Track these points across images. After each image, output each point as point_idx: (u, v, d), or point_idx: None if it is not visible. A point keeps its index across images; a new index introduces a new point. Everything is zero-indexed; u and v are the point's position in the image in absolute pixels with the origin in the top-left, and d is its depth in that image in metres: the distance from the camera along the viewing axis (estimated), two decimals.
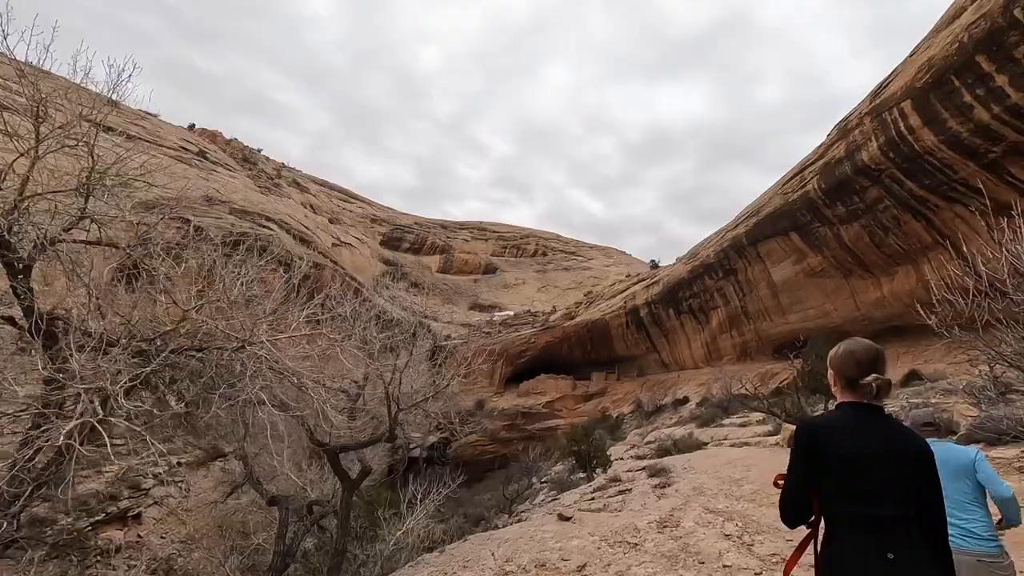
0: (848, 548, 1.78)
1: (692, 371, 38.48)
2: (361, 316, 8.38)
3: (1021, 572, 3.07)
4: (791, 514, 1.93)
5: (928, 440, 2.24)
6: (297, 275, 7.86)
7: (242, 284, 5.88)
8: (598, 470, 13.51)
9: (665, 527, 6.58)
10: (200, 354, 5.03)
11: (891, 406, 13.54)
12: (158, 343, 4.71)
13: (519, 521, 9.57)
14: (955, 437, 8.66)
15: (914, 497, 1.81)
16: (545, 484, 16.72)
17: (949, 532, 2.09)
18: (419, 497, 9.04)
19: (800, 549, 1.99)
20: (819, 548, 1.90)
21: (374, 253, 65.73)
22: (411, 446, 35.20)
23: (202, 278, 5.51)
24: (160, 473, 15.77)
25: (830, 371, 2.11)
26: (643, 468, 11.20)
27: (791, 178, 26.22)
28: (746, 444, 13.30)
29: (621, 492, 9.35)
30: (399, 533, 7.76)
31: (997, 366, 9.93)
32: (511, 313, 62.75)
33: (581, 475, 14.47)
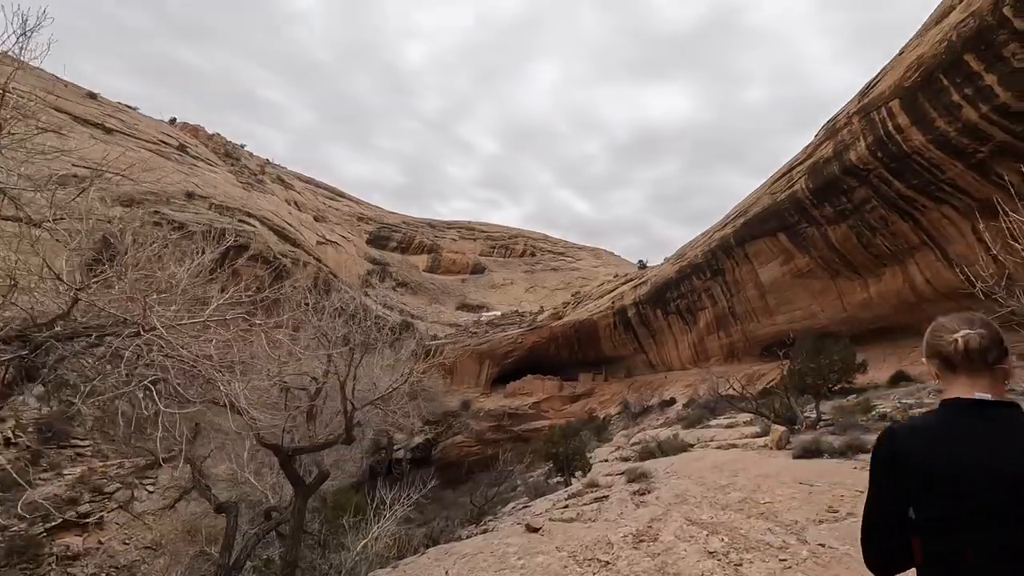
0: None
1: (679, 372, 38.31)
2: (326, 309, 7.78)
3: None
4: (878, 558, 1.38)
5: None
6: (218, 248, 6.89)
7: (187, 271, 5.38)
8: (577, 474, 13.02)
9: (641, 541, 6.03)
10: (88, 340, 4.46)
11: (884, 406, 13.37)
12: (45, 330, 4.18)
13: (484, 532, 8.97)
14: None
15: None
16: (519, 489, 16.12)
17: None
18: (389, 502, 8.48)
19: None
20: None
21: (360, 252, 64.94)
22: (395, 447, 34.63)
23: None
24: (126, 476, 15.13)
25: (926, 359, 1.54)
26: (623, 472, 10.71)
27: (779, 178, 26.11)
28: (733, 446, 12.88)
29: (597, 499, 8.80)
30: (364, 542, 7.26)
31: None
32: (498, 313, 62.34)
33: (559, 479, 13.99)
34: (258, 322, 5.79)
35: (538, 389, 45.89)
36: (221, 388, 4.63)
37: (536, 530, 6.96)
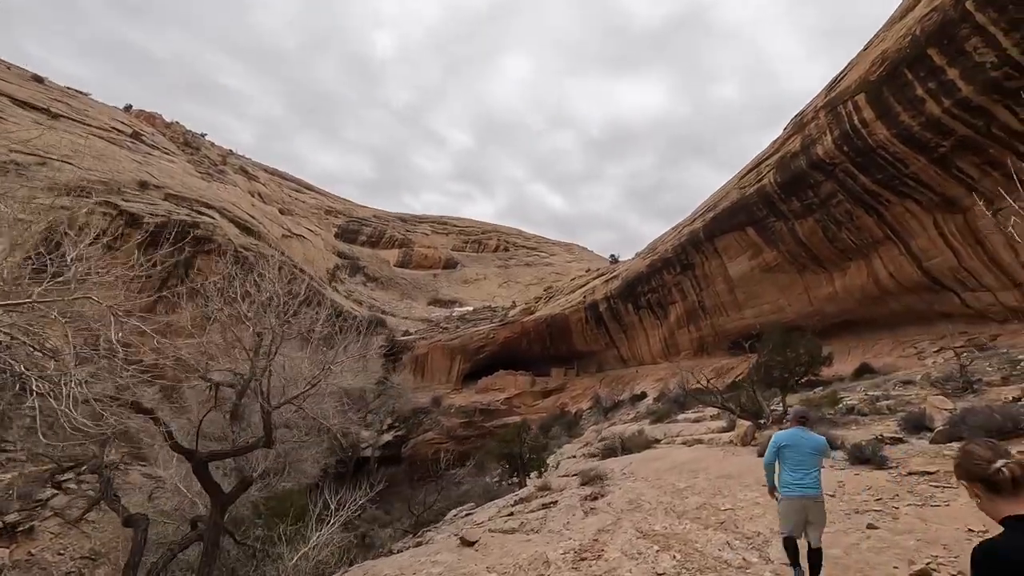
0: None
1: (650, 366, 38.41)
2: (251, 295, 7.04)
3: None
4: None
5: (800, 428, 4.79)
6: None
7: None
8: (533, 474, 12.47)
9: (583, 559, 5.40)
10: None
11: (851, 399, 13.31)
12: None
13: (419, 544, 8.34)
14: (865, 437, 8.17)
15: None
16: (474, 492, 15.39)
17: (803, 480, 4.60)
18: (333, 507, 7.83)
19: None
20: None
21: (328, 245, 63.41)
22: (362, 445, 33.81)
23: None
24: (63, 481, 14.16)
25: (967, 482, 1.83)
26: (579, 473, 10.23)
27: (748, 172, 26.18)
28: (699, 441, 12.56)
29: (546, 506, 8.19)
30: (302, 552, 6.64)
31: (964, 355, 9.59)
32: (471, 308, 61.72)
33: (514, 481, 13.41)
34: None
35: (510, 385, 45.56)
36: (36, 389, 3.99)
37: (471, 544, 6.37)
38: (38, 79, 35.00)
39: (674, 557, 5.31)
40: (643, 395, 33.65)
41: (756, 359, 16.12)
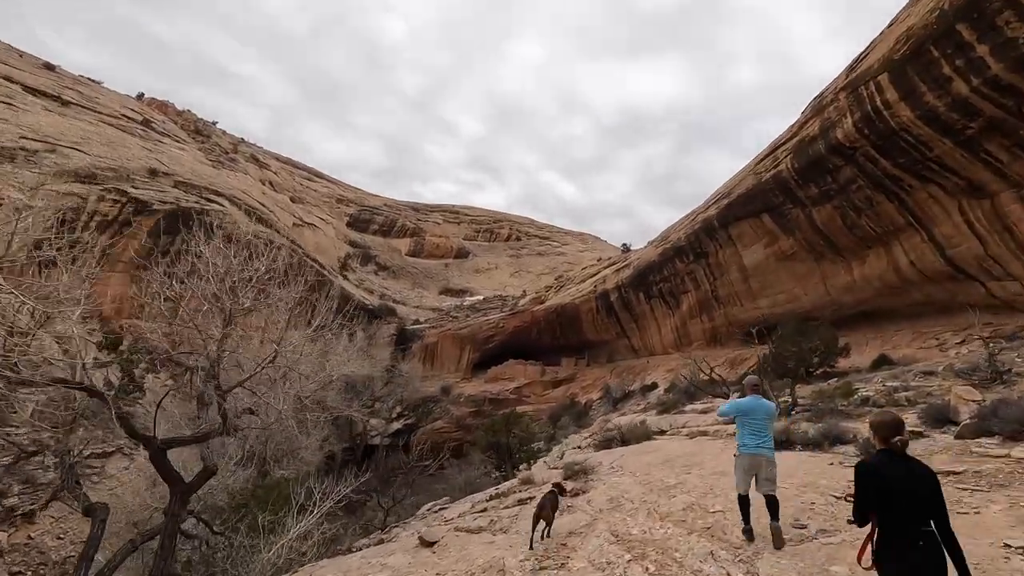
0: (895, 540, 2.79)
1: (662, 357, 37.90)
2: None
3: None
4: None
5: (755, 396, 5.37)
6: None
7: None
8: (522, 466, 11.88)
9: (543, 568, 4.80)
10: None
11: (867, 390, 12.72)
12: None
13: (380, 543, 7.81)
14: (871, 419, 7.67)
15: (930, 507, 2.80)
16: (449, 487, 14.66)
17: (760, 443, 5.18)
18: (317, 497, 7.55)
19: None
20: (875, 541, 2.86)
21: (339, 234, 63.46)
22: (371, 433, 33.87)
23: None
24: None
25: (870, 430, 3.14)
26: (561, 468, 9.73)
27: (764, 158, 25.41)
28: (703, 433, 12.02)
29: (522, 502, 7.65)
30: (276, 547, 6.39)
31: (992, 344, 8.99)
32: (481, 297, 61.50)
33: (500, 474, 12.69)
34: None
35: (520, 374, 45.33)
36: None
37: (430, 544, 5.89)
38: (49, 67, 35.14)
39: (646, 570, 4.67)
40: (654, 386, 33.21)
41: (767, 350, 15.59)
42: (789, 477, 6.67)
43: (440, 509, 10.03)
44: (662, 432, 13.14)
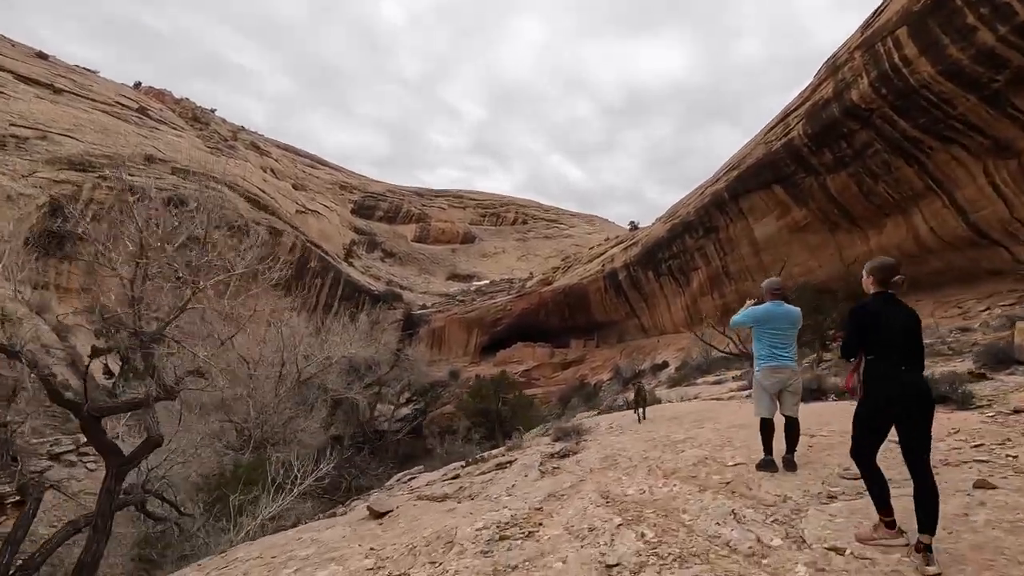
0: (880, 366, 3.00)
1: (672, 335, 37.25)
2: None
3: None
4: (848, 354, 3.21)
5: (777, 301, 4.64)
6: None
7: None
8: (514, 435, 11.23)
9: (504, 538, 3.74)
10: None
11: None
12: None
13: (331, 516, 7.04)
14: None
15: (914, 343, 2.98)
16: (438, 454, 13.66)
17: (785, 355, 4.55)
18: (296, 476, 7.08)
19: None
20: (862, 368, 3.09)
21: (344, 221, 63.02)
22: (380, 418, 33.68)
23: None
24: (61, 454, 13.90)
25: (866, 275, 3.21)
26: (551, 431, 9.01)
27: (774, 126, 24.49)
28: (716, 399, 11.37)
29: (501, 466, 6.88)
30: (249, 528, 5.98)
31: None
32: (488, 281, 61.00)
33: (489, 444, 11.98)
34: None
35: (528, 357, 44.94)
36: None
37: (381, 515, 5.16)
38: (42, 56, 34.65)
39: (642, 536, 3.44)
40: (664, 364, 32.64)
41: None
42: (827, 425, 5.89)
43: (410, 478, 9.42)
44: (670, 402, 12.57)
